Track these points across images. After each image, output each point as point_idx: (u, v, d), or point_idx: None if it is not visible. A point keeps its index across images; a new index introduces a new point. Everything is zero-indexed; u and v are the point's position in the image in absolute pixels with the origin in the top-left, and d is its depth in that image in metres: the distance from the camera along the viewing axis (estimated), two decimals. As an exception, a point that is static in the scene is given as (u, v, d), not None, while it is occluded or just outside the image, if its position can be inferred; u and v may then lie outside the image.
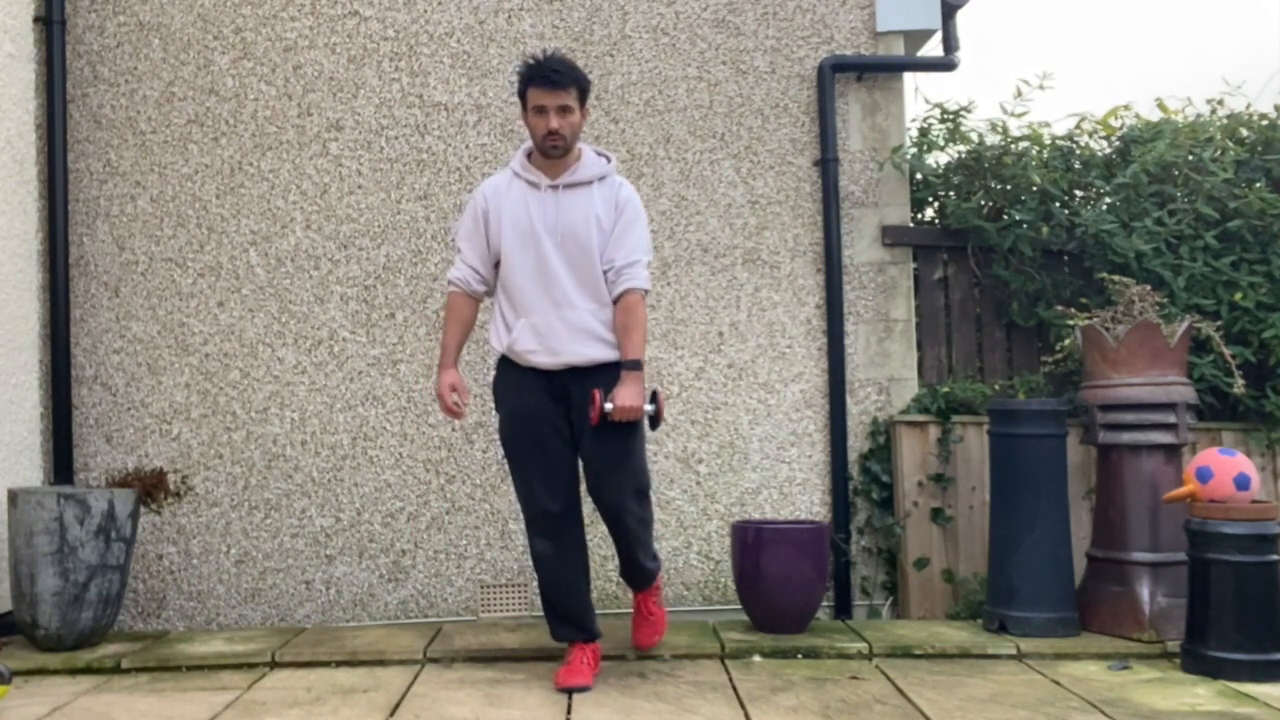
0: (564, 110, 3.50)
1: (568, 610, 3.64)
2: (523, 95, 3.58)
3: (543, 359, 3.55)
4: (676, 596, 4.77)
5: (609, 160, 3.68)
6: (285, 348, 4.76)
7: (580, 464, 3.63)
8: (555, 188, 3.57)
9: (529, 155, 3.64)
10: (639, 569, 3.76)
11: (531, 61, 3.57)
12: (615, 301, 3.55)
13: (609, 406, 3.45)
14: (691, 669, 3.83)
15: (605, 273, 3.55)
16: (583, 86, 3.56)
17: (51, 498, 4.01)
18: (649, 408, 3.54)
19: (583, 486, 3.65)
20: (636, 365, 3.53)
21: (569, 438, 3.60)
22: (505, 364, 3.67)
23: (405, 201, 4.81)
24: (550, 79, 3.50)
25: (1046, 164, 4.88)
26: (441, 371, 3.68)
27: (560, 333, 3.54)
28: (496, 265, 3.65)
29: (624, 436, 3.53)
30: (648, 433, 3.65)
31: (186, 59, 4.81)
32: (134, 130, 4.78)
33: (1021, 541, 4.15)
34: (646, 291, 3.60)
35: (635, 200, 3.65)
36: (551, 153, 3.54)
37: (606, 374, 3.54)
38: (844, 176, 4.92)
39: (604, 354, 3.56)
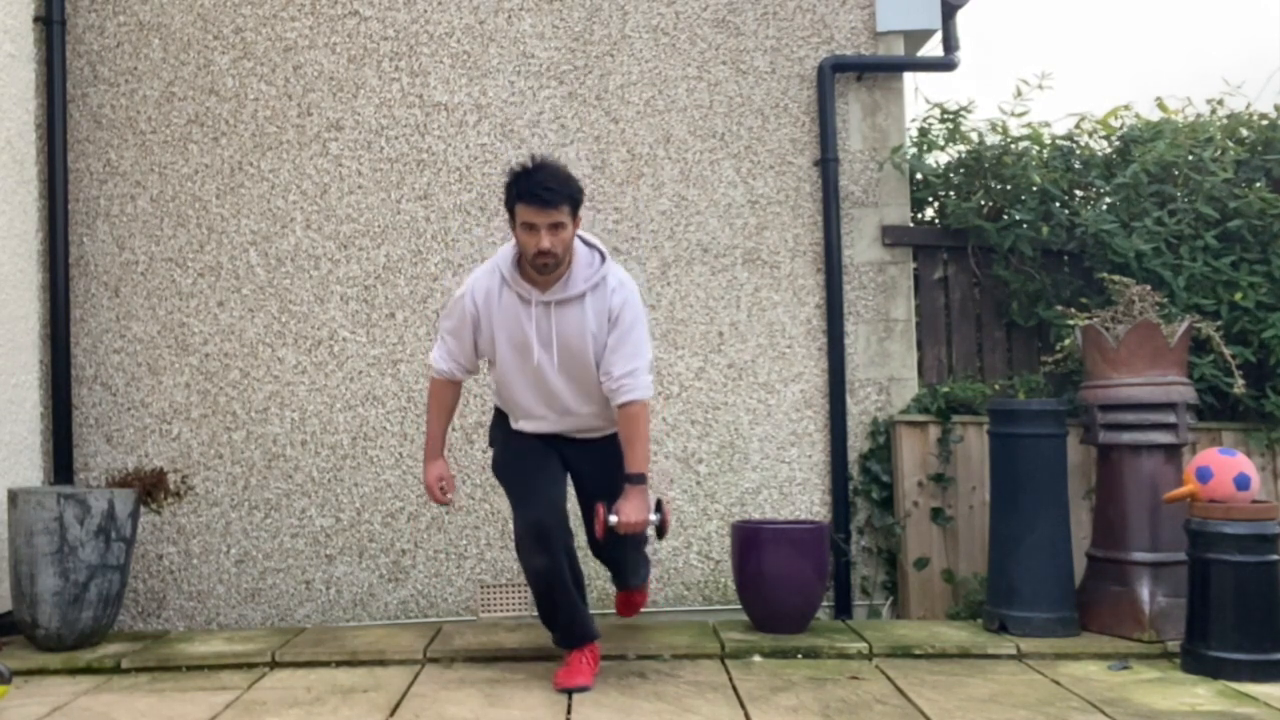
0: (556, 227, 3.31)
1: (568, 618, 3.63)
2: (510, 208, 3.40)
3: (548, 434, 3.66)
4: (676, 596, 4.77)
5: (601, 257, 3.50)
6: (285, 348, 4.76)
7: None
8: (547, 304, 3.46)
9: (518, 261, 3.46)
10: (629, 585, 3.94)
11: (520, 170, 3.37)
12: (617, 408, 3.50)
13: (614, 519, 3.48)
14: (691, 669, 3.83)
15: (603, 383, 3.49)
16: (576, 200, 3.37)
17: (51, 498, 4.01)
18: (654, 517, 3.56)
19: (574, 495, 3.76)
20: (641, 479, 3.50)
21: (562, 465, 3.66)
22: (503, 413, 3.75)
23: (405, 201, 4.81)
24: (541, 198, 3.29)
25: (1046, 164, 4.88)
26: (429, 463, 3.71)
27: (562, 431, 3.64)
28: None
29: None
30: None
31: (186, 59, 4.81)
32: (134, 130, 4.78)
33: (1021, 541, 4.15)
34: (649, 399, 3.53)
35: (630, 301, 3.48)
36: (543, 271, 3.39)
37: (608, 440, 3.62)
38: (844, 176, 4.92)
39: (608, 431, 3.63)
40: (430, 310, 4.76)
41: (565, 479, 3.66)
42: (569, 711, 3.34)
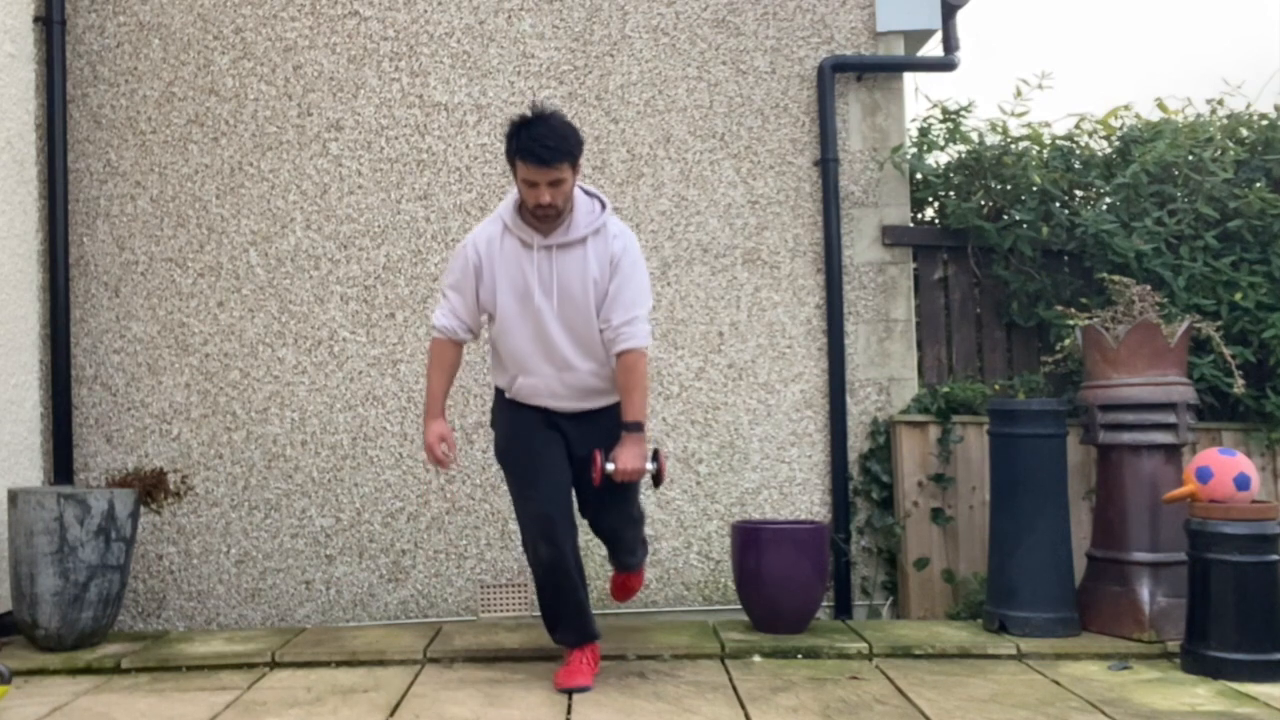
0: (556, 183, 3.34)
1: (570, 615, 3.63)
2: (511, 160, 3.40)
3: (546, 404, 3.62)
4: (676, 596, 4.77)
5: (602, 206, 3.54)
6: (285, 348, 4.76)
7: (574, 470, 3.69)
8: (549, 248, 3.48)
9: (519, 207, 3.49)
10: (626, 564, 3.95)
11: (520, 123, 3.36)
12: (616, 357, 3.51)
13: (610, 467, 3.49)
14: (691, 669, 3.83)
15: (602, 331, 3.50)
16: (575, 156, 3.37)
17: (51, 498, 4.01)
18: (650, 466, 3.57)
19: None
20: (638, 427, 3.51)
21: (565, 452, 3.63)
22: (503, 393, 3.71)
23: (405, 201, 4.81)
24: (539, 156, 3.29)
25: (1046, 164, 4.88)
26: (429, 421, 3.67)
27: (560, 392, 3.59)
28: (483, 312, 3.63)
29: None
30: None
31: (186, 59, 4.81)
32: (134, 130, 4.78)
33: (1021, 541, 4.15)
34: (647, 348, 3.54)
35: (630, 249, 3.52)
36: (544, 221, 3.42)
37: (607, 414, 3.59)
38: (844, 176, 4.92)
39: (605, 402, 3.61)
40: (430, 310, 4.76)
41: (569, 469, 3.62)
42: (569, 711, 3.34)
